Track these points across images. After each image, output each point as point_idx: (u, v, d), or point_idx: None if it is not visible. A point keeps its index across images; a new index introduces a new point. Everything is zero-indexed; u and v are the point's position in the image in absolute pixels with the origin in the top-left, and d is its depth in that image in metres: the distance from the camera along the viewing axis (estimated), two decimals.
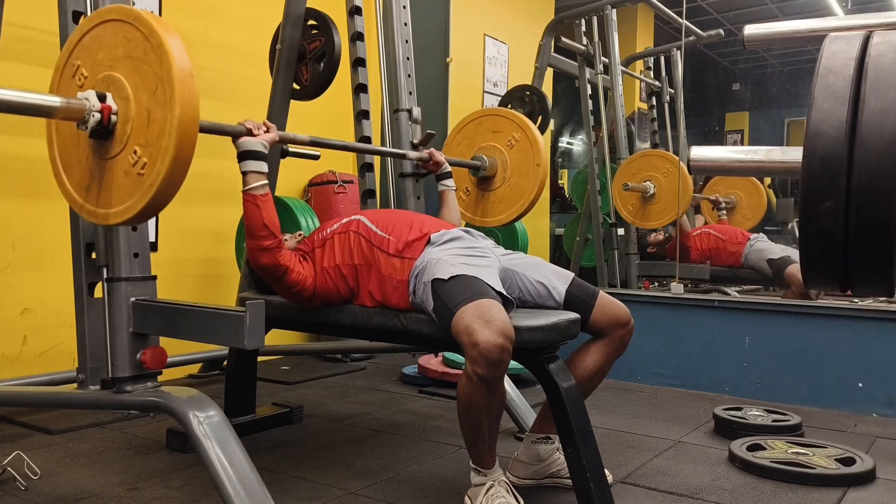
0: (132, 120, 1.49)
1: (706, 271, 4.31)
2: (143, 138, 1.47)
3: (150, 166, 1.45)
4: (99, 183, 1.57)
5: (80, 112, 1.49)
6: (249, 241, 1.89)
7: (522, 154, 2.64)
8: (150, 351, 1.85)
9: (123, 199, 1.52)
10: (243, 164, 1.87)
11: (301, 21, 2.88)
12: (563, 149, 7.03)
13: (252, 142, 1.88)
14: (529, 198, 2.64)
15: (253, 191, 1.86)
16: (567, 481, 1.93)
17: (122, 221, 1.54)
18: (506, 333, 1.59)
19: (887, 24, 1.29)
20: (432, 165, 2.51)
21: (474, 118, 2.79)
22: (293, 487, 2.00)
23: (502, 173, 2.67)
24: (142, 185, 1.47)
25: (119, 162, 1.52)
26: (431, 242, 1.94)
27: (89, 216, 1.61)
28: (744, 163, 1.42)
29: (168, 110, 1.42)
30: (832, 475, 2.12)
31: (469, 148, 2.77)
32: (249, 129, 1.90)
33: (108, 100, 1.51)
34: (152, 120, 1.46)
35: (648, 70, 5.56)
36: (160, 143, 1.43)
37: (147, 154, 1.46)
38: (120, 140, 1.51)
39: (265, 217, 1.86)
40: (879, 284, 1.08)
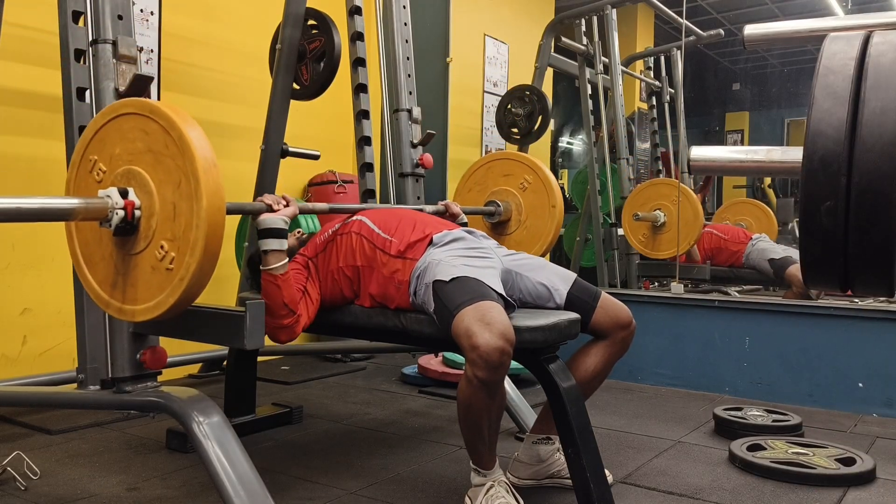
0: (157, 214, 1.45)
1: (706, 271, 4.31)
2: (170, 232, 1.43)
3: (179, 261, 1.41)
4: (125, 279, 1.52)
5: (102, 211, 1.44)
6: (269, 319, 1.84)
7: (536, 196, 2.58)
8: (150, 351, 1.85)
9: (153, 294, 1.47)
10: (264, 244, 1.83)
11: (301, 21, 2.88)
12: (563, 149, 7.03)
13: (273, 219, 1.84)
14: (547, 239, 2.57)
15: (274, 271, 1.82)
16: (567, 481, 1.93)
17: (152, 318, 1.49)
18: (506, 336, 1.59)
19: (887, 24, 1.29)
20: (448, 217, 2.38)
21: (484, 163, 2.73)
22: (293, 487, 2.00)
23: (517, 216, 2.61)
24: (171, 280, 1.43)
25: (145, 257, 1.48)
26: (433, 243, 1.94)
27: (117, 314, 1.56)
28: (744, 163, 1.42)
29: (195, 202, 1.38)
30: (832, 475, 2.12)
31: (481, 194, 2.70)
32: (269, 204, 1.86)
33: (130, 195, 1.46)
34: (178, 213, 1.41)
35: (648, 70, 5.56)
36: (188, 237, 1.39)
37: (175, 248, 1.42)
38: (145, 235, 1.47)
39: (285, 297, 1.84)
40: (879, 284, 1.08)
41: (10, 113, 2.78)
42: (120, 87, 1.89)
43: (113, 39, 1.91)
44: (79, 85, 1.97)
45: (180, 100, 3.26)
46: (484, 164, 2.74)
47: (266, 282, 1.83)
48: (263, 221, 1.84)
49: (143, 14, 3.15)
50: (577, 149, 7.08)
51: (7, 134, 2.78)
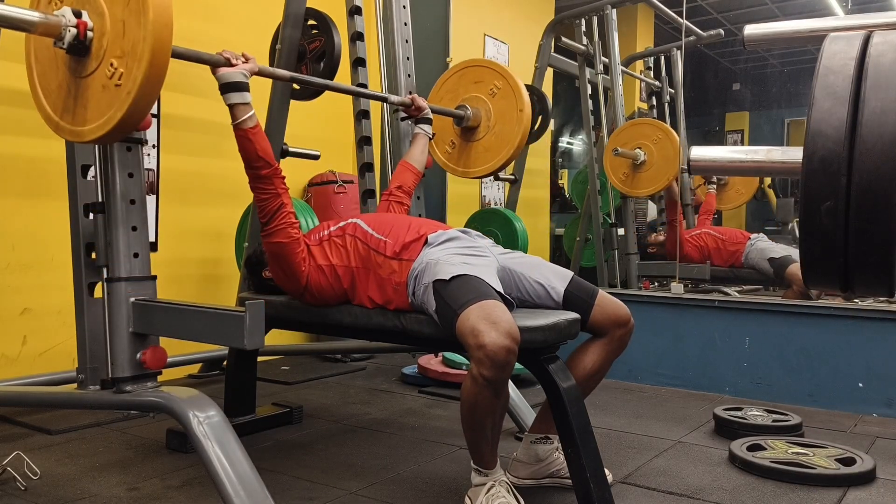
0: (108, 33, 1.54)
1: (706, 271, 4.31)
2: (119, 49, 1.52)
3: (127, 75, 1.50)
4: (77, 101, 1.61)
5: (56, 28, 1.54)
6: (249, 173, 1.92)
7: (505, 101, 2.64)
8: (150, 351, 1.85)
9: (103, 112, 1.56)
10: (227, 97, 1.87)
11: (301, 21, 2.88)
12: (563, 149, 7.02)
13: (232, 72, 1.88)
14: (514, 144, 2.63)
15: (242, 124, 1.87)
16: (567, 481, 1.93)
17: (100, 136, 1.58)
18: (512, 335, 1.59)
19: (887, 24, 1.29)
20: (414, 110, 2.52)
21: (456, 70, 2.79)
22: (293, 487, 2.00)
23: (486, 122, 2.68)
24: (119, 95, 1.52)
25: (96, 77, 1.57)
26: (428, 243, 1.94)
27: (69, 136, 1.66)
28: (744, 163, 1.42)
29: (142, 15, 1.47)
30: (832, 475, 2.12)
31: (452, 101, 2.77)
32: (228, 58, 1.89)
33: (83, 16, 1.56)
34: (127, 29, 1.51)
35: (648, 70, 5.55)
36: (136, 51, 1.48)
37: (123, 64, 1.51)
38: (97, 55, 1.56)
39: (259, 149, 1.89)
40: (879, 284, 1.08)
41: (10, 113, 2.78)
42: None
43: None
44: None
45: (180, 100, 3.26)
46: (456, 71, 2.80)
47: (238, 137, 1.88)
48: (223, 76, 1.88)
49: None
50: (577, 149, 7.07)
51: (7, 134, 2.78)
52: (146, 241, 1.90)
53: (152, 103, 1.54)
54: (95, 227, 1.94)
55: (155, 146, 3.20)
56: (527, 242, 4.01)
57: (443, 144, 2.86)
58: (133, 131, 1.63)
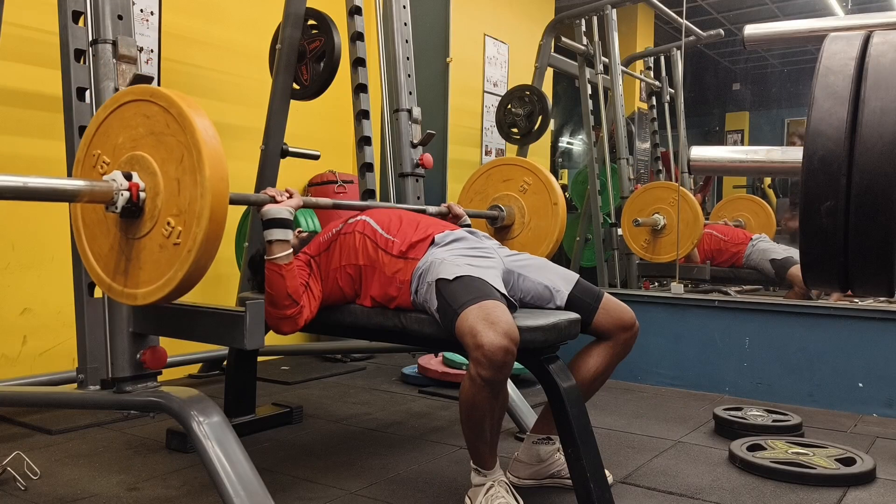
0: (162, 192, 1.46)
1: (706, 271, 4.31)
2: (176, 207, 1.44)
3: (186, 233, 1.42)
4: (132, 264, 1.53)
5: (107, 193, 1.45)
6: (270, 309, 1.85)
7: (537, 196, 2.58)
8: (150, 351, 1.85)
9: (163, 272, 1.47)
10: (269, 234, 1.83)
11: (301, 21, 2.88)
12: (563, 149, 7.02)
13: (279, 209, 1.85)
14: (552, 238, 2.55)
15: (278, 261, 1.82)
16: (567, 481, 1.93)
17: (160, 297, 1.48)
18: (510, 335, 1.59)
19: (887, 24, 1.29)
20: (452, 219, 2.39)
21: (482, 172, 2.73)
22: (293, 487, 2.00)
23: (520, 219, 2.61)
24: (179, 255, 1.43)
25: (153, 238, 1.48)
26: (435, 243, 1.94)
27: (124, 299, 1.56)
28: (744, 163, 1.42)
29: (198, 172, 1.40)
30: (832, 475, 2.12)
31: (483, 202, 2.70)
32: (272, 196, 1.87)
33: (134, 178, 1.48)
34: (182, 187, 1.43)
35: (648, 70, 5.55)
36: (194, 209, 1.40)
37: (181, 222, 1.43)
38: (151, 216, 1.48)
39: (289, 287, 1.84)
40: (879, 284, 1.07)
41: (10, 113, 2.78)
42: (120, 86, 1.89)
43: (113, 39, 1.91)
44: (79, 85, 1.97)
45: None
46: (483, 172, 2.74)
47: (270, 272, 1.83)
48: (268, 212, 1.85)
49: (143, 14, 3.15)
50: (577, 149, 7.07)
51: (7, 134, 2.78)
52: None
53: (212, 259, 1.45)
54: None
55: None
56: None
57: None
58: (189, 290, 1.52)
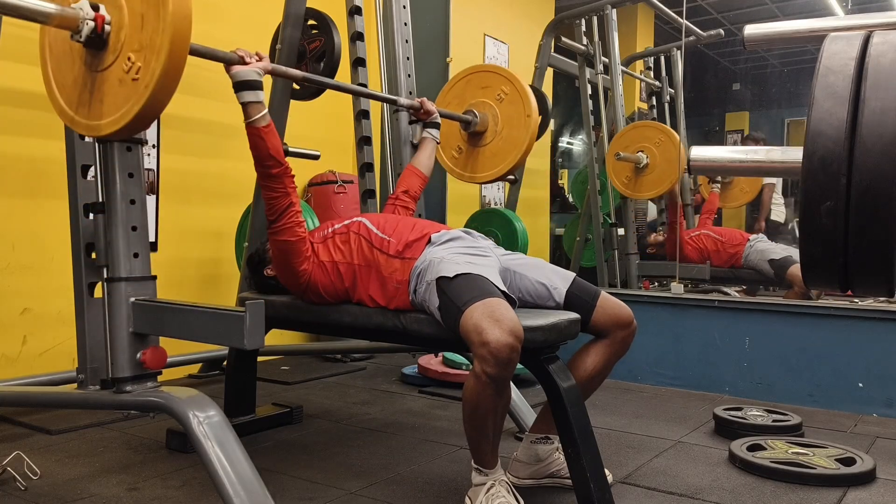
0: (126, 27, 1.52)
1: (706, 271, 4.31)
2: (137, 42, 1.50)
3: (145, 69, 1.48)
4: (93, 96, 1.59)
5: (73, 20, 1.52)
6: (259, 171, 1.92)
7: (512, 106, 2.65)
8: (150, 351, 1.85)
9: (119, 106, 1.54)
10: (241, 95, 1.87)
11: (301, 21, 2.88)
12: (563, 149, 7.03)
13: (247, 70, 1.88)
14: (521, 149, 2.64)
15: (255, 122, 1.87)
16: (567, 481, 1.93)
17: (117, 129, 1.55)
18: (515, 333, 1.59)
19: (887, 24, 1.29)
20: (423, 114, 2.51)
21: (463, 76, 2.80)
22: (293, 487, 2.00)
23: (493, 127, 2.68)
24: (137, 89, 1.49)
25: (113, 71, 1.55)
26: (432, 242, 1.94)
27: (85, 130, 1.64)
28: (744, 163, 1.42)
29: (161, 7, 1.46)
30: (832, 475, 2.12)
31: (459, 106, 2.78)
32: (242, 56, 1.89)
33: (101, 10, 1.54)
34: (146, 22, 1.49)
35: (648, 70, 5.55)
36: (154, 44, 1.46)
37: (141, 58, 1.49)
38: (114, 49, 1.54)
39: (271, 148, 1.89)
40: (879, 284, 1.08)
41: (10, 113, 2.78)
42: None
43: None
44: None
45: (181, 100, 3.24)
46: (463, 77, 2.81)
47: (250, 135, 1.88)
48: (237, 73, 1.88)
49: None
50: (577, 149, 7.07)
51: (7, 134, 2.78)
52: (146, 241, 1.89)
53: (169, 97, 1.51)
54: (95, 227, 1.93)
55: (155, 146, 3.20)
56: (527, 242, 4.01)
57: (449, 150, 2.86)
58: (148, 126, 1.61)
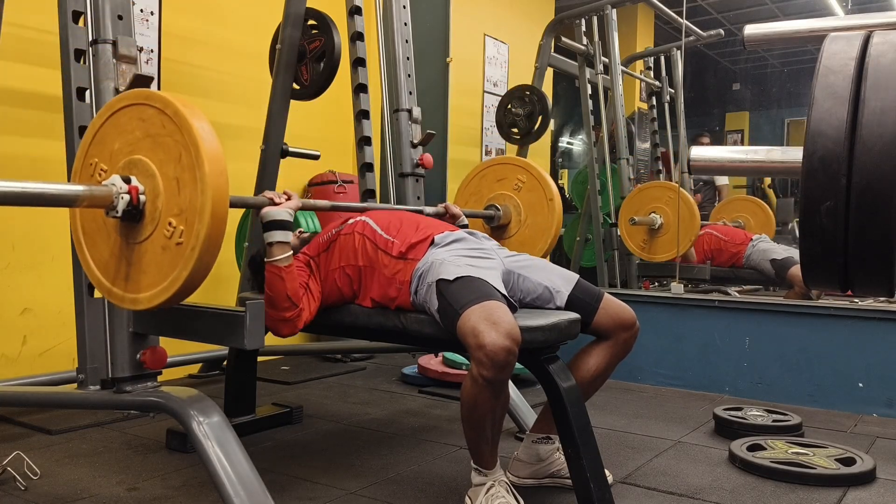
0: (162, 194, 1.45)
1: (706, 271, 4.31)
2: (177, 207, 1.42)
3: (188, 231, 1.40)
4: (133, 267, 1.51)
5: (107, 198, 1.44)
6: (270, 311, 1.86)
7: (532, 193, 2.59)
8: (150, 351, 1.85)
9: (166, 273, 1.45)
10: (269, 235, 1.84)
11: (301, 21, 2.88)
12: (563, 149, 7.03)
13: (278, 211, 1.85)
14: (550, 233, 2.55)
15: (278, 263, 1.83)
16: (567, 481, 1.93)
17: (164, 300, 1.46)
18: (512, 336, 1.59)
19: (887, 24, 1.29)
20: (449, 219, 2.40)
21: (476, 173, 2.74)
22: (293, 487, 2.00)
23: (517, 217, 2.62)
24: (182, 254, 1.41)
25: (154, 240, 1.47)
26: (435, 243, 1.94)
27: (127, 304, 1.55)
28: (744, 163, 1.42)
29: (197, 169, 1.39)
30: (832, 475, 2.12)
31: (478, 203, 2.71)
32: (271, 198, 1.88)
33: (133, 181, 1.47)
34: (182, 185, 1.42)
35: (648, 70, 5.55)
36: (195, 206, 1.39)
37: (183, 221, 1.41)
38: (152, 218, 1.46)
39: (289, 289, 1.84)
40: (879, 284, 1.07)
41: (10, 113, 2.78)
42: (120, 86, 1.89)
43: (113, 39, 1.91)
44: (79, 85, 1.97)
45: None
46: (476, 173, 2.75)
47: (270, 274, 1.84)
48: (268, 214, 1.85)
49: (143, 14, 3.15)
50: (577, 149, 7.08)
51: (7, 134, 2.78)
52: None
53: (215, 257, 1.43)
54: None
55: None
56: None
57: None
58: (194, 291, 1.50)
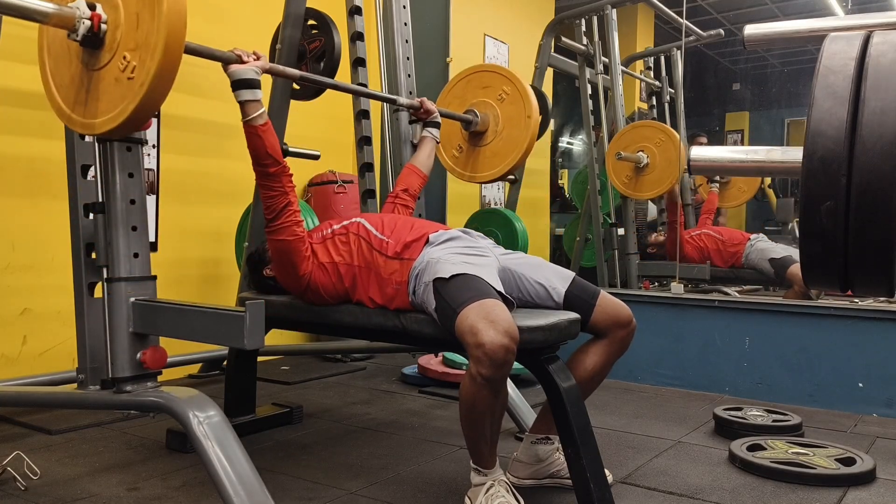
0: (122, 26, 1.54)
1: (706, 271, 4.31)
2: (133, 42, 1.52)
3: (140, 68, 1.50)
4: (90, 94, 1.62)
5: (70, 19, 1.54)
6: (257, 170, 1.92)
7: (513, 106, 2.66)
8: (150, 351, 1.85)
9: (115, 104, 1.56)
10: (239, 94, 1.88)
11: (301, 21, 2.88)
12: (563, 149, 7.03)
13: (245, 69, 1.89)
14: (521, 149, 2.64)
15: (253, 121, 1.87)
16: (567, 481, 1.92)
17: (112, 127, 1.57)
18: (510, 334, 1.59)
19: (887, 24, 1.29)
20: (423, 113, 2.52)
21: (464, 76, 2.80)
22: (293, 487, 2.00)
23: (494, 127, 2.69)
24: (132, 88, 1.51)
25: (109, 70, 1.57)
26: (430, 242, 1.94)
27: (81, 128, 1.67)
28: (744, 163, 1.42)
29: (156, 6, 1.47)
30: (832, 475, 2.12)
31: (460, 106, 2.79)
32: (239, 55, 1.90)
33: (97, 9, 1.56)
34: (141, 21, 1.51)
35: (648, 70, 5.55)
36: (149, 43, 1.48)
37: (136, 57, 1.51)
38: (110, 48, 1.57)
39: (268, 147, 1.90)
40: (879, 284, 1.08)
41: (10, 113, 2.78)
42: None
43: None
44: None
45: (180, 100, 3.26)
46: (464, 76, 2.81)
47: (247, 133, 1.89)
48: (235, 72, 1.89)
49: None
50: (577, 149, 7.08)
51: (7, 134, 2.78)
52: (146, 241, 1.90)
53: (164, 96, 1.53)
54: (95, 227, 1.93)
55: (155, 146, 3.20)
56: (527, 242, 4.01)
57: (450, 149, 2.86)
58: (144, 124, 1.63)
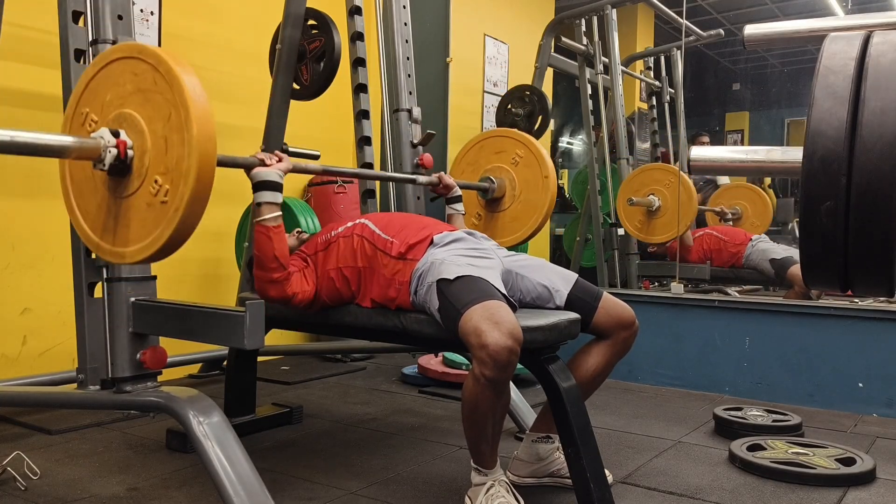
0: (149, 150, 1.46)
1: (706, 271, 4.31)
2: (163, 166, 1.44)
3: (173, 192, 1.42)
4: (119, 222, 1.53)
5: (95, 150, 1.46)
6: (258, 272, 1.88)
7: (529, 169, 2.60)
8: (150, 351, 1.85)
9: (149, 231, 1.47)
10: (258, 196, 1.85)
11: (301, 21, 2.88)
12: (563, 149, 7.03)
13: (268, 172, 1.86)
14: (542, 211, 2.58)
15: (266, 223, 1.84)
16: (567, 481, 1.93)
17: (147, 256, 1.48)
18: (514, 335, 1.59)
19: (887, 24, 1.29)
20: (442, 189, 2.45)
21: (475, 143, 2.75)
22: (293, 487, 2.00)
23: (511, 191, 2.62)
24: (166, 213, 1.43)
25: (140, 196, 1.48)
26: (434, 243, 1.94)
27: (111, 257, 1.57)
28: (744, 163, 1.42)
29: (185, 131, 1.40)
30: (832, 475, 2.12)
31: (475, 173, 2.72)
32: (262, 159, 1.88)
33: (122, 135, 1.48)
34: (170, 145, 1.43)
35: (648, 70, 5.56)
36: (181, 167, 1.40)
37: (168, 181, 1.43)
38: (139, 174, 1.48)
39: (276, 250, 1.86)
40: (879, 284, 1.08)
41: (10, 113, 2.78)
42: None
43: (113, 39, 1.91)
44: None
45: None
46: (475, 143, 2.76)
47: (258, 233, 1.85)
48: (257, 174, 1.86)
49: (143, 14, 3.15)
50: (577, 149, 7.08)
51: None
52: None
53: (199, 219, 1.44)
54: None
55: None
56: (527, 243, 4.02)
57: (469, 217, 2.77)
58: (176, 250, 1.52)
